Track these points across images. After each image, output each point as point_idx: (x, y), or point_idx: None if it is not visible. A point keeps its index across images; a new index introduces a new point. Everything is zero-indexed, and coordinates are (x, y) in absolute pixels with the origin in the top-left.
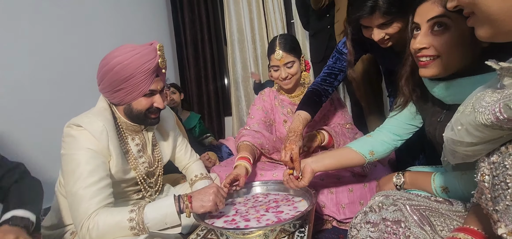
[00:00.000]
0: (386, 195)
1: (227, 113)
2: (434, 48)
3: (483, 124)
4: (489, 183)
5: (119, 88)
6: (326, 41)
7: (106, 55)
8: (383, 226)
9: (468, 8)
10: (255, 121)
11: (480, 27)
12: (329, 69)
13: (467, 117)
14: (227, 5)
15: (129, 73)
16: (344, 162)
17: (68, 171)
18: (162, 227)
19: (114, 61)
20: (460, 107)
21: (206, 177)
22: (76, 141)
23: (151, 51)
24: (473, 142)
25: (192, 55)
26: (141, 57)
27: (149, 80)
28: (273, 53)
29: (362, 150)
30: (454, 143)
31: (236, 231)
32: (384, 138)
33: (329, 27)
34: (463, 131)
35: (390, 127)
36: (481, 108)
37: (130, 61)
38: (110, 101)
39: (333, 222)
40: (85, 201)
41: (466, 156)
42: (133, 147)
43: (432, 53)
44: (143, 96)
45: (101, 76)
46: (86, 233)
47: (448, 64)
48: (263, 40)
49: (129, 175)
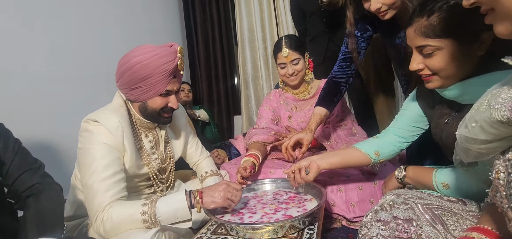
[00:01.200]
0: (398, 193)
1: (237, 112)
2: (428, 69)
3: (499, 121)
4: (504, 181)
5: (137, 86)
6: (326, 44)
7: (126, 53)
8: (394, 224)
9: (487, 4)
10: (264, 119)
11: (499, 23)
12: (343, 55)
13: (482, 114)
14: (238, 5)
15: (147, 72)
16: (349, 161)
17: (84, 164)
18: (173, 221)
19: (134, 60)
20: (474, 104)
21: (216, 173)
22: (92, 135)
23: (171, 53)
24: (488, 139)
25: (203, 54)
26: (160, 58)
27: (166, 81)
28: (280, 52)
29: (368, 151)
30: (467, 141)
31: (246, 226)
32: (390, 140)
33: (327, 31)
34: (477, 128)
35: (395, 129)
36: (497, 105)
37: (149, 61)
38: (126, 97)
39: (342, 221)
40: (100, 194)
41: (480, 154)
42: (147, 143)
43: (428, 73)
44: (159, 95)
45: (120, 73)
46: (101, 224)
47: (448, 78)
48: (274, 40)
49: (142, 170)
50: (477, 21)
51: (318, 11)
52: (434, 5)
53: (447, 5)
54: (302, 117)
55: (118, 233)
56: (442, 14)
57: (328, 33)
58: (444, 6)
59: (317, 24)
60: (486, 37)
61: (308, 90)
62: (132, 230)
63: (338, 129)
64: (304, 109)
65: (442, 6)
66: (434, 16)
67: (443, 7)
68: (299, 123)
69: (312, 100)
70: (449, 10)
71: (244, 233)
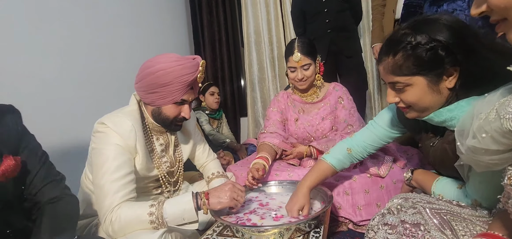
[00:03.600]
0: (405, 197)
1: (243, 114)
2: (403, 102)
3: (511, 130)
4: None
5: (155, 91)
6: (327, 45)
7: (151, 58)
8: (401, 228)
9: (499, 15)
10: (271, 122)
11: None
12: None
13: (492, 124)
14: (245, 7)
15: (168, 80)
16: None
17: (96, 164)
18: (180, 222)
19: (158, 66)
20: (481, 114)
21: (222, 175)
22: (106, 136)
23: (194, 65)
24: (500, 149)
25: (209, 56)
26: (183, 69)
27: (183, 90)
28: (292, 55)
29: (333, 162)
30: (477, 152)
31: (251, 229)
32: (359, 151)
33: (330, 31)
34: (488, 139)
35: (365, 138)
36: (508, 115)
37: (172, 70)
38: (142, 100)
39: (349, 224)
40: (110, 195)
41: (493, 164)
42: (158, 146)
43: (403, 105)
44: (174, 103)
45: (141, 76)
46: (109, 225)
47: (423, 109)
48: (280, 42)
49: (152, 172)
50: (440, 58)
51: (322, 12)
52: (398, 45)
53: (410, 45)
54: (309, 121)
55: (126, 233)
56: (406, 53)
57: (330, 34)
58: (407, 46)
59: (320, 25)
60: (453, 71)
61: (317, 94)
62: (140, 231)
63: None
64: (311, 113)
65: (406, 46)
66: (399, 56)
67: (406, 47)
68: (305, 127)
69: (320, 103)
70: (412, 50)
71: (250, 235)
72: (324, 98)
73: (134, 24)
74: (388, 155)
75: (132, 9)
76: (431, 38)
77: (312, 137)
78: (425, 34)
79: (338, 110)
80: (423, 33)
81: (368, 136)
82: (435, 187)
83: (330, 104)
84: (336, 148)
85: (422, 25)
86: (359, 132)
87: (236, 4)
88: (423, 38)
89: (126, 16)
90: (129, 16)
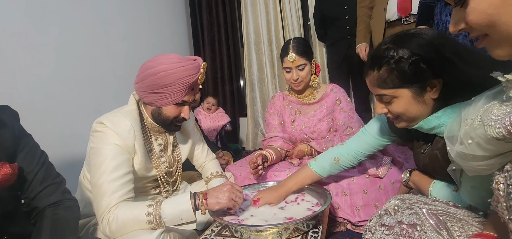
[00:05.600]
0: (402, 198)
1: (242, 114)
2: (391, 113)
3: (495, 138)
4: (504, 192)
5: (156, 91)
6: (345, 50)
7: (152, 58)
8: (398, 229)
9: (479, 31)
10: (272, 127)
11: (497, 48)
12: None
13: (477, 131)
14: (244, 7)
15: (170, 81)
16: (304, 182)
17: (94, 163)
18: (178, 222)
19: (159, 67)
20: (467, 120)
21: (221, 175)
22: (104, 136)
23: (195, 67)
24: (486, 155)
25: (209, 56)
26: (185, 70)
27: (184, 91)
28: (286, 56)
29: (318, 170)
30: (465, 158)
31: (250, 228)
32: (349, 159)
33: (349, 37)
34: (474, 145)
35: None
36: (491, 122)
37: (174, 71)
38: (142, 100)
39: (347, 224)
40: (108, 195)
41: (481, 169)
42: (156, 146)
43: (392, 115)
44: (174, 104)
45: (142, 77)
46: (107, 225)
47: (411, 119)
48: (280, 42)
49: (151, 172)
50: (422, 71)
51: (342, 18)
52: (382, 60)
53: (394, 60)
54: (305, 122)
55: (123, 234)
56: (389, 67)
57: (349, 40)
58: (391, 61)
59: (339, 30)
60: (435, 83)
61: (313, 95)
62: (137, 231)
63: (345, 138)
64: (307, 114)
65: (389, 61)
66: (383, 70)
67: (390, 61)
68: (302, 128)
69: (316, 105)
70: (395, 64)
71: (248, 235)
72: (321, 100)
73: (133, 24)
74: (386, 155)
75: (132, 9)
76: (412, 53)
77: (310, 138)
78: (406, 48)
79: (336, 113)
80: (405, 48)
81: (359, 144)
82: (432, 189)
83: (327, 106)
84: (324, 156)
85: (403, 40)
86: (350, 139)
87: (236, 5)
88: (404, 53)
89: (124, 15)
90: (129, 16)
